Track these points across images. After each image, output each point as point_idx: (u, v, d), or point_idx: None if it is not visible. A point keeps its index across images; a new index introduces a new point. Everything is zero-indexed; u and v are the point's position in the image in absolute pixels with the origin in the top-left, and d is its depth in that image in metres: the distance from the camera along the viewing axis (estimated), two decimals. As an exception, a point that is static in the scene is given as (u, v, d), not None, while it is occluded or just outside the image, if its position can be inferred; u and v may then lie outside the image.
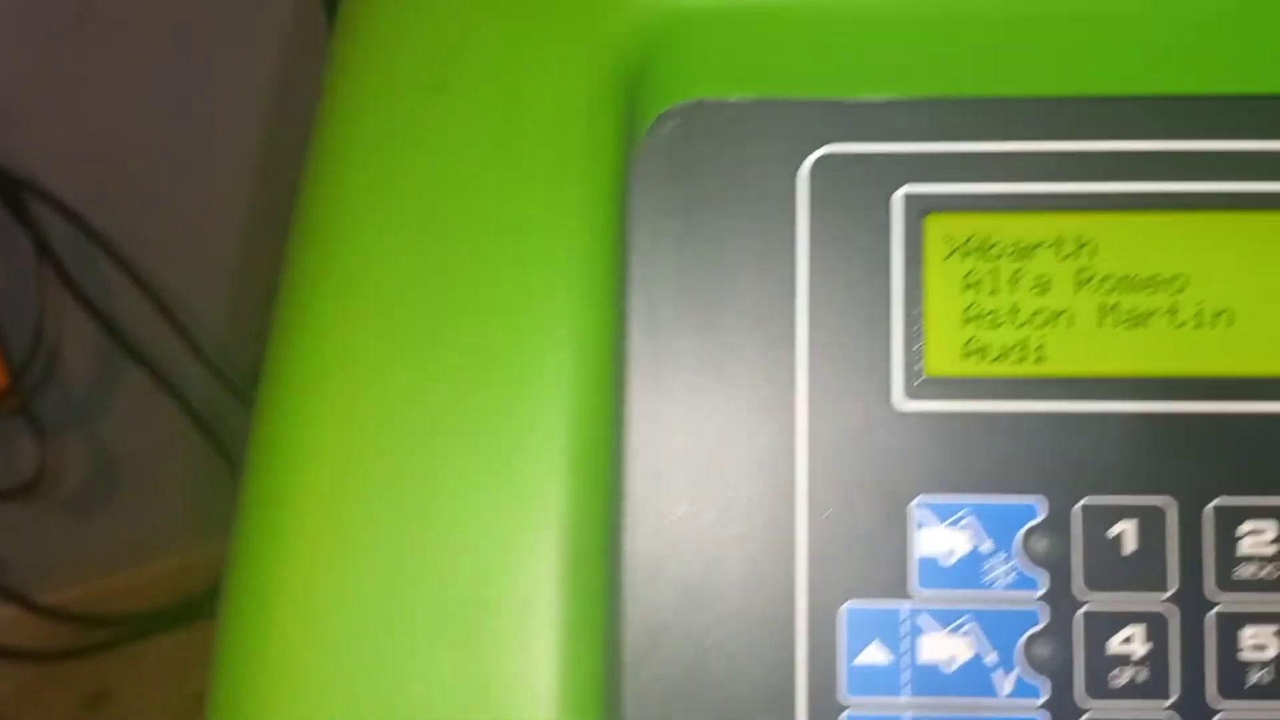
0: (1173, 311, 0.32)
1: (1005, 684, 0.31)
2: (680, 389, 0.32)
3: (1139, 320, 0.32)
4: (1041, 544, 0.32)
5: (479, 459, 0.28)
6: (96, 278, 1.07)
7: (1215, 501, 0.31)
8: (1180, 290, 0.32)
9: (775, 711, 0.31)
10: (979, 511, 0.32)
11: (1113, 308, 0.32)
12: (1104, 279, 0.32)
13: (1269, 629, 0.31)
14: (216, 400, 1.16)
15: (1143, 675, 0.31)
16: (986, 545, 0.32)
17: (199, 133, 1.04)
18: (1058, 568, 0.31)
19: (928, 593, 0.31)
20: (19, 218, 0.99)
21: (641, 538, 0.32)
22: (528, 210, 0.29)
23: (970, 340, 0.32)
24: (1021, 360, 0.32)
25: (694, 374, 0.32)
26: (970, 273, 0.32)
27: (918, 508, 0.32)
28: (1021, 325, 0.32)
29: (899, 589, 0.31)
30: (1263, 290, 0.32)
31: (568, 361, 0.29)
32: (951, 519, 0.32)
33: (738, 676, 0.31)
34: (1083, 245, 0.32)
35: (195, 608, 1.22)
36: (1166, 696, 0.31)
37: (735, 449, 0.32)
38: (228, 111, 1.03)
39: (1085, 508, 0.32)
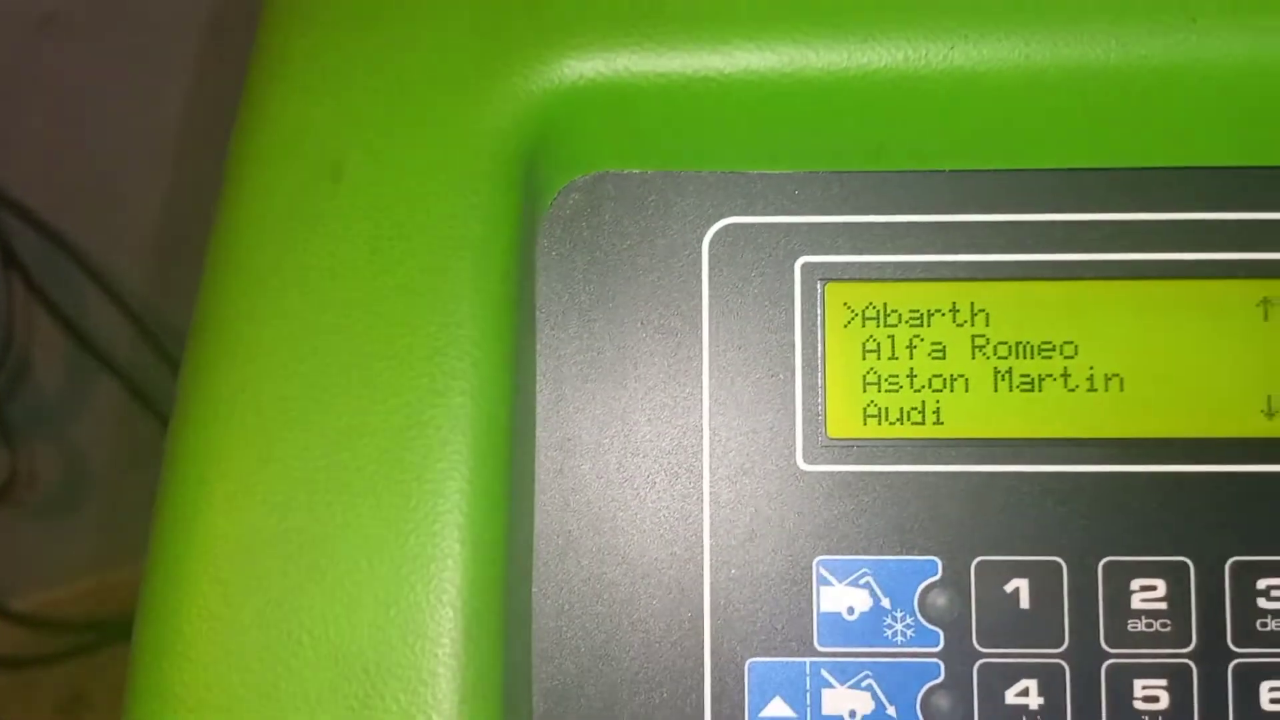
0: (1065, 376, 0.33)
1: (905, 736, 0.33)
2: (587, 452, 0.33)
3: (1032, 385, 0.33)
4: (940, 601, 0.33)
5: (376, 531, 0.29)
6: (65, 285, 1.07)
7: (1106, 559, 0.33)
8: (1072, 356, 0.33)
9: None
10: (878, 570, 0.33)
11: (1007, 373, 0.33)
12: (998, 345, 0.33)
13: (1160, 681, 0.32)
14: (185, 406, 1.16)
15: None
16: (886, 602, 0.33)
17: (167, 139, 1.04)
18: (955, 624, 0.33)
19: (830, 649, 0.33)
20: (-15, 227, 1.00)
21: (549, 597, 0.33)
22: (426, 290, 0.30)
23: (870, 404, 0.33)
24: (920, 423, 0.33)
25: (601, 438, 0.33)
26: (869, 339, 0.34)
27: (819, 566, 0.33)
28: (919, 390, 0.33)
29: (802, 645, 0.33)
30: (1151, 356, 0.33)
31: (466, 432, 0.29)
32: (852, 577, 0.33)
33: None
34: (977, 313, 0.33)
35: (169, 612, 1.22)
36: None
37: (642, 510, 0.33)
38: (196, 116, 1.03)
39: (980, 565, 0.33)
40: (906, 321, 0.34)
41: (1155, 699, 0.32)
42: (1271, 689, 0.32)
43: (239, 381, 0.30)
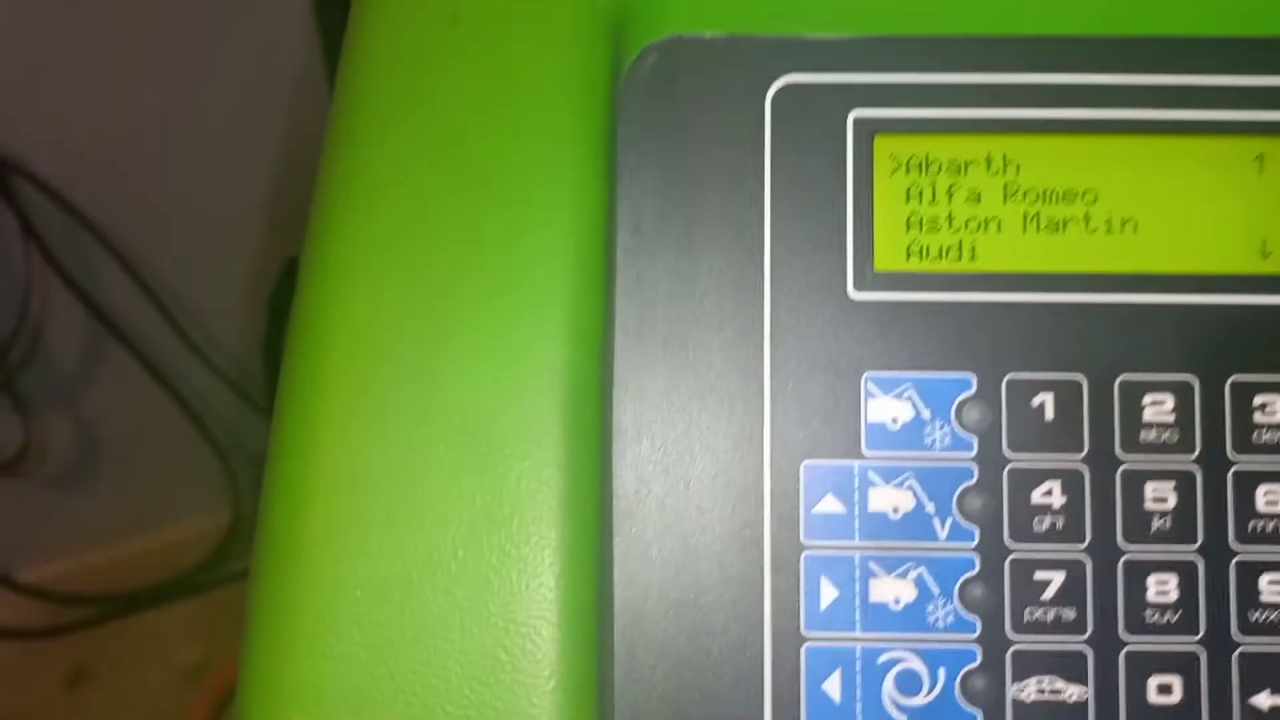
0: (1086, 219, 0.38)
1: (943, 530, 0.37)
2: (661, 280, 0.37)
3: (1057, 227, 0.38)
4: (974, 413, 0.37)
5: (494, 314, 0.33)
6: (80, 257, 1.09)
7: (1121, 377, 0.37)
8: (1092, 202, 0.38)
9: (745, 551, 0.36)
10: (919, 385, 0.37)
11: (1035, 216, 0.38)
12: (1027, 192, 0.38)
13: (1168, 484, 0.37)
14: (198, 379, 1.18)
15: (1061, 522, 0.36)
16: (926, 414, 0.37)
17: (180, 113, 1.06)
18: (988, 433, 0.37)
19: (876, 453, 0.37)
20: (4, 197, 1.01)
21: (627, 408, 0.37)
22: (532, 125, 0.34)
23: (913, 242, 0.38)
24: (957, 259, 0.38)
25: (673, 266, 0.37)
26: (913, 185, 0.38)
27: (867, 381, 0.37)
28: (956, 230, 0.38)
29: (851, 450, 0.37)
30: (1161, 203, 0.38)
31: (568, 248, 0.34)
32: (896, 391, 0.37)
33: (713, 522, 0.36)
34: (1009, 163, 0.38)
35: (177, 586, 1.24)
36: (1082, 540, 0.36)
37: (709, 330, 0.37)
38: (210, 90, 1.05)
39: (1010, 382, 0.37)
40: (946, 170, 0.38)
41: (1164, 499, 0.36)
42: (1267, 491, 0.36)
43: (372, 194, 0.34)
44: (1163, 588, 0.36)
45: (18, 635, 1.19)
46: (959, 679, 0.36)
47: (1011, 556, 0.36)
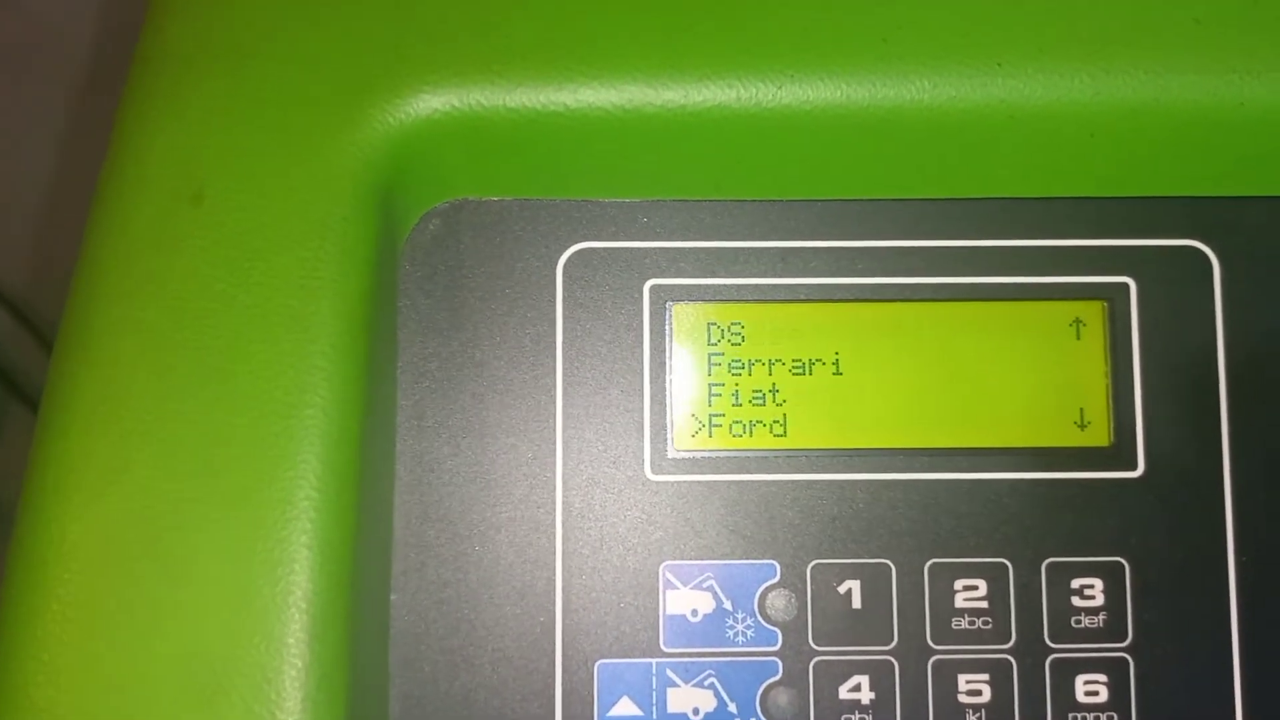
0: (895, 391, 0.36)
1: (746, 731, 0.34)
2: (445, 466, 0.35)
3: (865, 400, 0.36)
4: (778, 602, 0.35)
5: (228, 536, 0.30)
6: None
7: (931, 561, 0.35)
8: (904, 373, 0.36)
9: None
10: (721, 573, 0.35)
11: (841, 388, 0.36)
12: (834, 362, 0.36)
13: (982, 676, 0.35)
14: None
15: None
16: (728, 604, 0.35)
17: (78, 164, 1.03)
18: (793, 624, 0.35)
19: (674, 649, 0.35)
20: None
21: (408, 604, 0.34)
22: (281, 309, 0.32)
23: (712, 418, 0.35)
24: (762, 436, 0.35)
25: (459, 452, 0.35)
26: (713, 356, 0.36)
27: (665, 571, 0.35)
28: (759, 404, 0.36)
29: (649, 646, 0.35)
30: (977, 372, 0.36)
31: (317, 444, 0.31)
32: (696, 581, 0.35)
33: None
34: (814, 332, 0.36)
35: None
36: None
37: (498, 520, 0.35)
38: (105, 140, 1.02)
39: (816, 568, 0.35)
40: (747, 340, 0.36)
41: (978, 692, 0.35)
42: (1086, 682, 0.35)
43: (99, 393, 0.31)
44: (979, 787, 0.34)
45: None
46: None
47: None
